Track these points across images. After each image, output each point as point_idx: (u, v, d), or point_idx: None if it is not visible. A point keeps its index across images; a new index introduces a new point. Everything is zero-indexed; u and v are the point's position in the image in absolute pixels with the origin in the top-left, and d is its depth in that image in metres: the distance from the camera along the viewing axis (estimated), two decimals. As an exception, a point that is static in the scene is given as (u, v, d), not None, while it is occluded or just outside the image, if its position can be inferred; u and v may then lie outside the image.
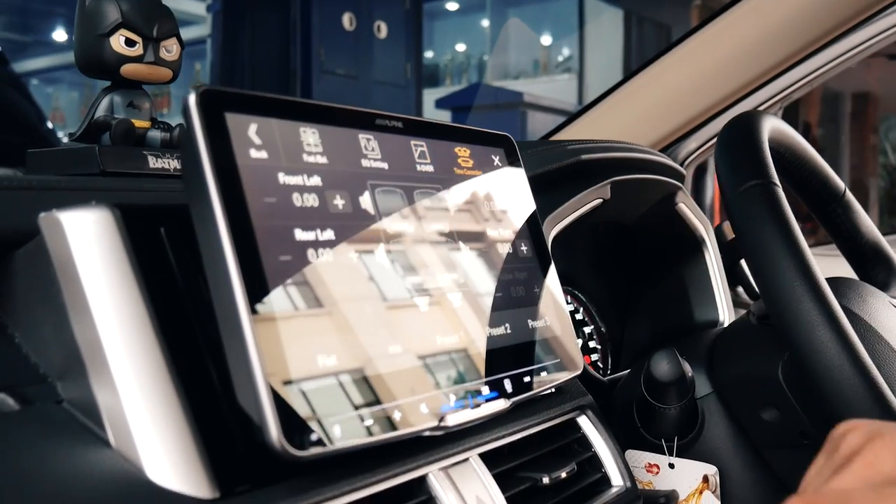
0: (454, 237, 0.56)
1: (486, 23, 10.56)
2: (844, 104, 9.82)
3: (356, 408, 0.43)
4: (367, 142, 0.51)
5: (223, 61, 6.61)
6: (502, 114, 6.47)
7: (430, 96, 7.52)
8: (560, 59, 10.07)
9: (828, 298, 0.63)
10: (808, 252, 0.65)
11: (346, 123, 0.50)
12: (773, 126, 0.80)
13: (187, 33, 10.56)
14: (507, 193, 0.63)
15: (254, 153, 0.44)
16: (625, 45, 9.04)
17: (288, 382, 0.41)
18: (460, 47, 10.94)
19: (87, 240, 0.43)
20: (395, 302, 0.49)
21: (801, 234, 0.66)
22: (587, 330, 1.08)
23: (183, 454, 0.40)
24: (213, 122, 0.42)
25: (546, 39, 10.12)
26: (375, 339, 0.46)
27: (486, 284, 0.57)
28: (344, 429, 0.42)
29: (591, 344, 1.09)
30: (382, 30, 6.79)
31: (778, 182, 0.69)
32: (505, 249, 0.61)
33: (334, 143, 0.49)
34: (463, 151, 0.60)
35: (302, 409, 0.41)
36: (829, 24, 1.26)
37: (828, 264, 1.03)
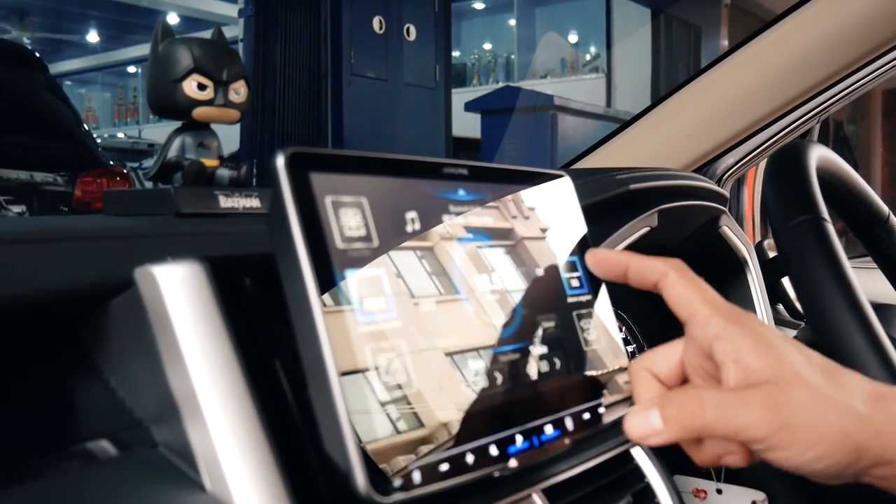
0: (520, 273, 0.58)
1: (512, 22, 10.56)
2: (875, 101, 9.73)
3: (433, 452, 0.46)
4: (436, 190, 0.54)
5: (254, 64, 6.68)
6: (532, 117, 6.47)
7: (457, 96, 7.53)
8: (588, 58, 10.05)
9: (876, 331, 0.65)
10: (858, 286, 0.67)
11: (416, 174, 0.53)
12: (819, 156, 0.81)
13: (218, 35, 10.64)
14: (563, 227, 0.65)
15: (333, 207, 0.46)
16: (653, 45, 9.00)
17: (366, 429, 0.43)
18: (487, 46, 10.95)
19: (179, 293, 0.45)
20: (458, 342, 0.51)
21: (850, 268, 0.68)
22: (630, 349, 1.10)
23: (273, 497, 0.43)
24: (299, 182, 0.44)
25: (573, 38, 10.11)
26: (446, 384, 0.49)
27: (544, 320, 0.59)
28: (423, 473, 0.44)
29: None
30: (412, 32, 6.82)
31: (828, 217, 0.71)
32: (561, 284, 0.62)
33: (404, 194, 0.51)
34: (525, 190, 0.62)
35: (386, 453, 0.43)
36: (871, 44, 1.26)
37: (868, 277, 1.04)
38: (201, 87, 0.64)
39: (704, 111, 1.34)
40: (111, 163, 4.42)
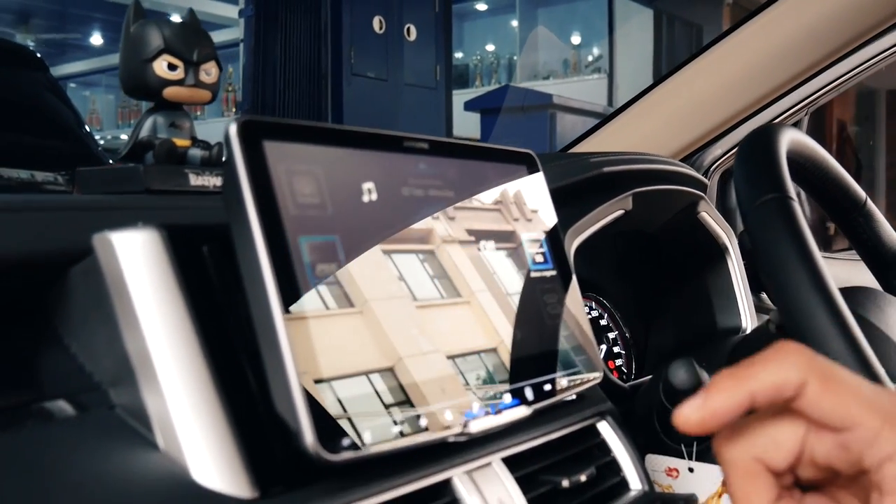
0: (479, 246, 0.59)
1: (515, 23, 10.57)
2: (880, 102, 9.72)
3: (386, 413, 0.46)
4: (393, 163, 0.55)
5: (255, 64, 6.70)
6: (532, 116, 6.47)
7: (459, 97, 7.54)
8: (590, 59, 10.06)
9: (840, 309, 0.65)
10: (823, 264, 0.67)
11: (375, 146, 0.54)
12: (792, 138, 0.82)
13: (220, 36, 10.68)
14: (530, 206, 0.66)
15: (287, 174, 0.47)
16: (655, 45, 9.00)
17: (321, 388, 0.44)
18: (489, 48, 10.95)
19: (137, 258, 0.46)
20: (423, 305, 0.52)
21: (815, 247, 0.68)
22: (612, 336, 1.10)
23: (225, 457, 0.44)
24: (252, 150, 0.45)
25: (576, 39, 10.11)
26: (405, 346, 0.50)
27: (508, 294, 0.60)
28: (374, 434, 0.45)
29: (616, 349, 1.11)
30: (412, 32, 6.83)
31: (794, 196, 0.71)
32: (527, 261, 0.63)
33: (363, 164, 0.52)
34: (488, 168, 0.63)
35: (335, 415, 0.44)
36: (855, 31, 1.27)
37: (858, 270, 1.04)
38: (171, 67, 0.65)
39: (691, 99, 1.35)
40: (111, 162, 4.43)
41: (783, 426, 0.39)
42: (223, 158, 0.71)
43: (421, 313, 0.52)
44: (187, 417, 0.44)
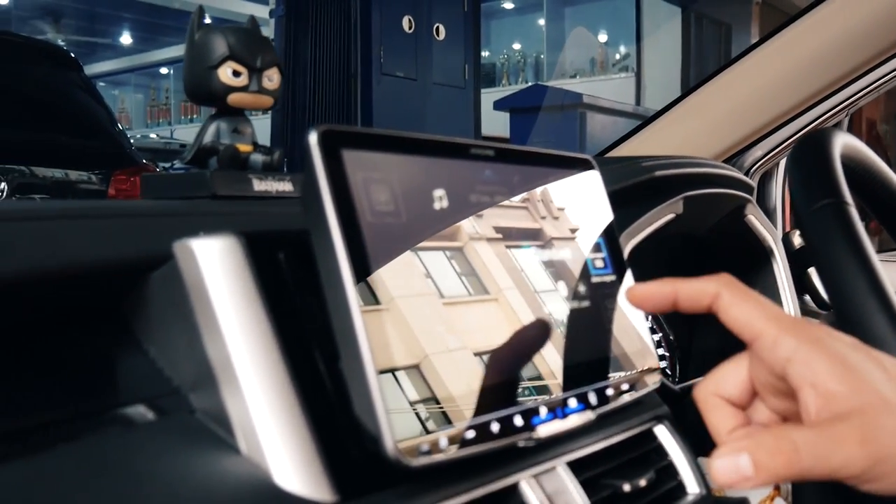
0: (540, 252, 0.60)
1: (542, 21, 10.55)
2: (910, 100, 9.59)
3: (459, 418, 0.47)
4: (462, 170, 0.55)
5: (285, 64, 6.74)
6: (561, 115, 6.46)
7: (486, 96, 7.54)
8: (617, 57, 10.02)
9: (900, 315, 0.65)
10: (881, 270, 0.68)
11: (444, 154, 0.54)
12: (844, 143, 0.82)
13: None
14: (588, 210, 0.66)
15: (364, 182, 0.48)
16: (683, 44, 8.95)
17: (396, 393, 0.45)
18: (516, 46, 10.94)
19: (216, 265, 0.47)
20: (492, 315, 0.53)
21: (873, 251, 0.68)
22: (656, 338, 1.11)
23: (306, 461, 0.44)
24: (331, 158, 0.46)
25: (603, 38, 10.08)
26: (475, 357, 0.50)
27: (569, 298, 0.61)
28: (449, 440, 0.46)
29: (660, 351, 1.11)
30: (441, 32, 6.84)
31: (851, 201, 0.71)
32: (585, 264, 0.64)
33: (433, 172, 0.53)
34: (548, 173, 0.64)
35: (413, 422, 0.45)
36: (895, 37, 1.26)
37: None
38: (236, 73, 0.66)
39: (732, 102, 1.34)
40: (144, 161, 4.48)
41: (730, 365, 0.49)
42: (283, 167, 0.72)
43: (489, 326, 0.53)
44: (268, 421, 0.45)
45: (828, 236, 0.69)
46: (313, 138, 0.46)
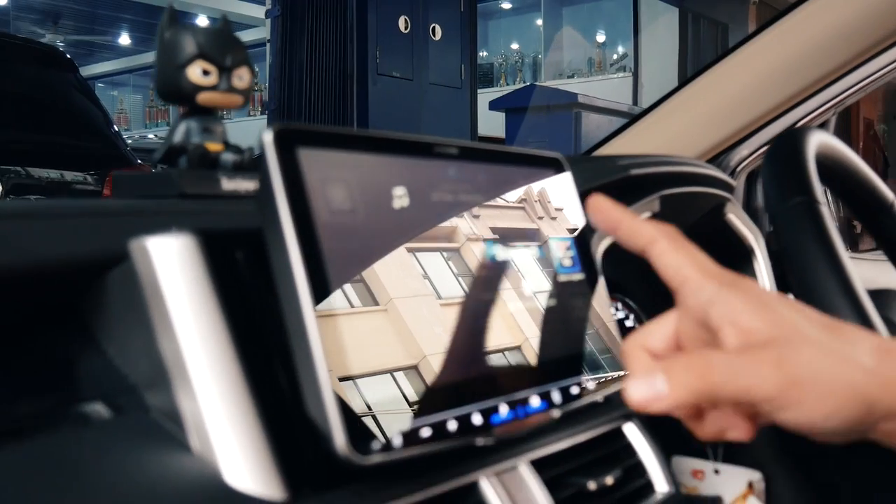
0: (504, 247, 0.59)
1: (539, 22, 10.54)
2: (908, 100, 9.60)
3: (414, 416, 0.47)
4: (424, 168, 0.55)
5: (281, 64, 6.74)
6: (557, 115, 6.46)
7: (483, 97, 7.54)
8: (615, 57, 10.02)
9: (867, 312, 0.65)
10: (851, 267, 0.68)
11: (405, 152, 0.54)
12: (820, 141, 0.82)
13: (246, 36, 10.76)
14: (558, 209, 0.66)
15: (320, 181, 0.48)
16: (681, 44, 8.95)
17: (350, 390, 0.45)
18: (514, 46, 10.94)
19: (172, 263, 0.47)
20: (449, 312, 0.53)
21: (843, 249, 0.68)
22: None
23: (258, 459, 0.44)
24: (287, 157, 0.46)
25: (601, 38, 10.07)
26: (430, 345, 0.50)
27: (535, 296, 0.60)
28: (404, 437, 0.46)
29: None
30: (437, 32, 6.84)
31: (822, 200, 0.71)
32: (555, 263, 0.64)
33: (393, 170, 0.53)
34: (516, 172, 0.64)
35: (368, 420, 0.45)
36: (884, 31, 1.25)
37: (884, 270, 1.03)
38: (205, 72, 0.66)
39: (717, 100, 1.34)
40: (139, 162, 4.48)
41: (658, 321, 0.50)
42: (257, 163, 0.72)
43: (445, 312, 0.53)
44: (220, 420, 0.45)
45: (798, 234, 0.69)
46: (268, 137, 0.46)
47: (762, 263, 1.07)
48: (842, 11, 1.25)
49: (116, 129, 4.79)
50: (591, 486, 0.60)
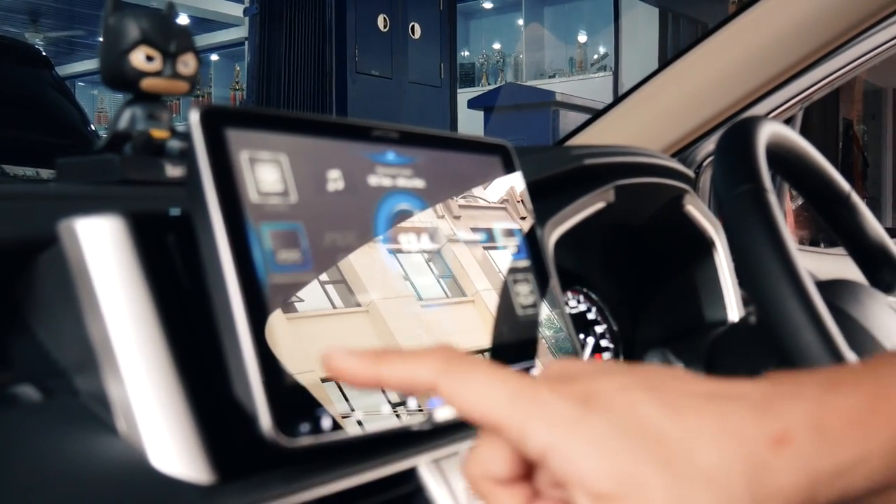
0: (452, 241, 0.59)
1: (521, 21, 10.55)
2: (887, 100, 9.68)
3: (346, 400, 0.47)
4: (360, 152, 0.55)
5: (259, 62, 6.72)
6: (535, 113, 6.47)
7: (465, 96, 7.54)
8: (596, 57, 10.04)
9: (812, 300, 0.65)
10: (796, 255, 0.68)
11: (341, 135, 0.54)
12: (772, 131, 0.82)
13: (226, 35, 10.71)
14: (504, 197, 0.66)
15: (249, 162, 0.47)
16: (661, 43, 8.98)
17: (280, 375, 0.44)
18: (496, 46, 10.94)
19: (100, 246, 0.47)
20: (390, 297, 0.53)
21: (789, 238, 0.69)
22: (599, 329, 1.11)
23: (184, 442, 0.44)
24: (213, 137, 0.46)
25: (581, 38, 10.10)
26: (371, 339, 0.50)
27: (478, 286, 0.60)
28: (334, 421, 0.46)
29: (603, 343, 1.11)
30: (417, 30, 6.84)
31: (770, 188, 0.71)
32: (502, 254, 0.64)
33: (328, 153, 0.53)
34: (461, 159, 0.63)
35: (293, 402, 0.44)
36: (846, 24, 1.26)
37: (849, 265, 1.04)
38: (149, 58, 0.65)
39: (682, 94, 1.35)
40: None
41: (488, 443, 0.37)
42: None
43: (386, 307, 0.53)
44: (146, 403, 0.44)
45: (744, 222, 0.69)
46: (194, 117, 0.46)
47: (722, 256, 1.08)
48: (804, 5, 1.25)
49: (93, 127, 4.76)
50: (534, 471, 0.60)
